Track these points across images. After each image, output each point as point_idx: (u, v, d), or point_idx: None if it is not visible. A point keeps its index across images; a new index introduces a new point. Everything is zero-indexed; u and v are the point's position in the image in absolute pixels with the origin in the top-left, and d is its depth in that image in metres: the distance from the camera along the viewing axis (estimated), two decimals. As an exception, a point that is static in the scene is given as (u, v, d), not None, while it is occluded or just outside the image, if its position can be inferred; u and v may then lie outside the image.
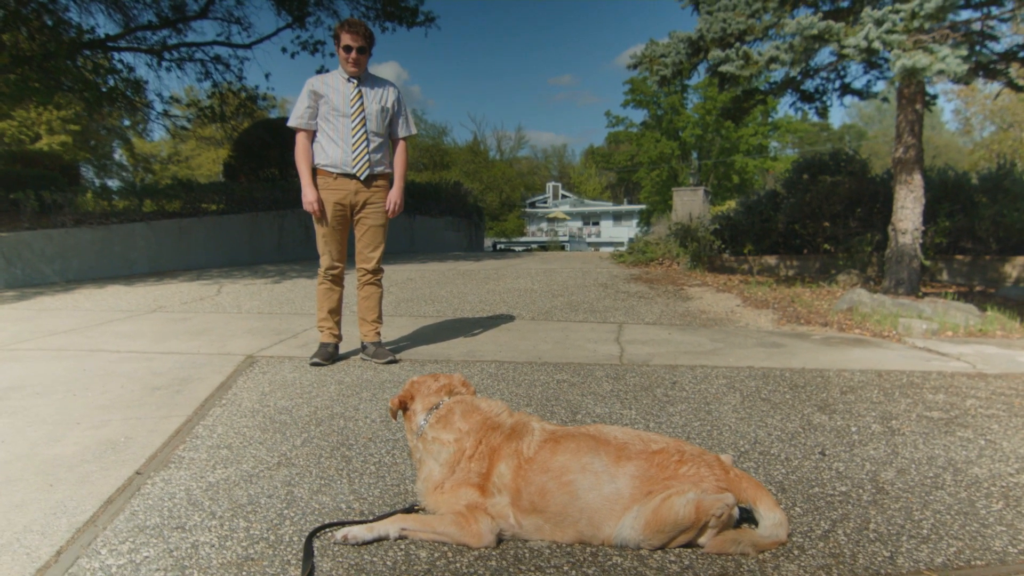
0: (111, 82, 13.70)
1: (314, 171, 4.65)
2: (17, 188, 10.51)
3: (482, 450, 2.21)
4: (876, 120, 63.67)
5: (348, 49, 4.51)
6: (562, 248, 52.39)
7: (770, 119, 50.69)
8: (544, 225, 66.21)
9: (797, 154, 57.13)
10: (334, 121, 4.59)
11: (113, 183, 39.89)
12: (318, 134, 4.63)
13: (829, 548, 2.12)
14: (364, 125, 4.60)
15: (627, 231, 60.29)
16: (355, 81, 4.62)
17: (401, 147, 4.88)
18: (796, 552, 2.08)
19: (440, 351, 5.13)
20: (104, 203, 11.12)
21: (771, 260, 10.74)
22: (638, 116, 53.69)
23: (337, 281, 4.80)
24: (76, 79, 12.12)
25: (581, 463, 2.09)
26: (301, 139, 4.64)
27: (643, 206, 55.12)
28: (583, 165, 76.54)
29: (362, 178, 4.61)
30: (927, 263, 8.62)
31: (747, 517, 2.17)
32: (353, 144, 4.58)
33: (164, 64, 14.24)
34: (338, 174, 4.59)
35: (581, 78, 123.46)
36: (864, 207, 10.12)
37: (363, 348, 4.85)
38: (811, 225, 10.34)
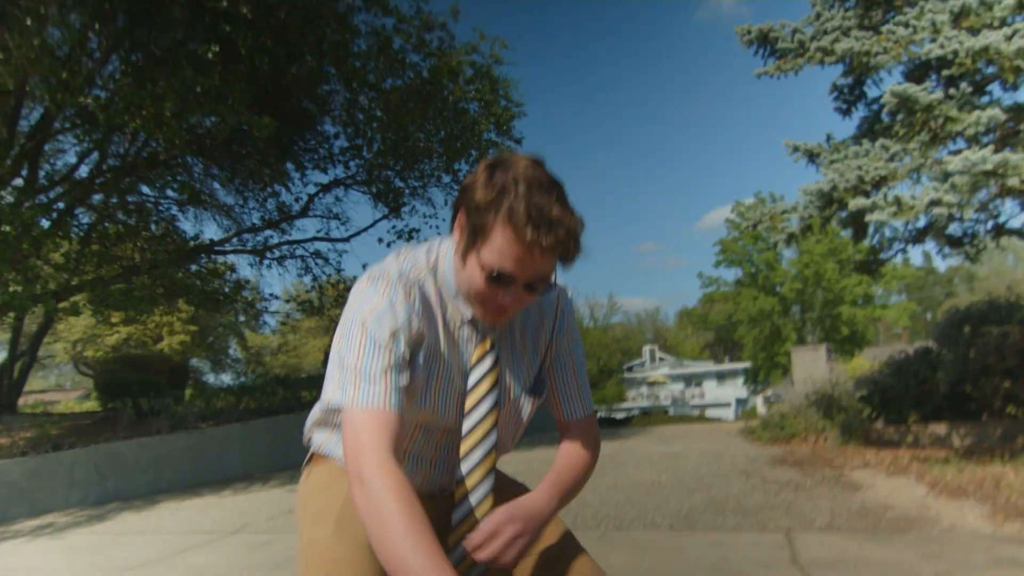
0: (215, 284, 14.17)
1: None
2: (120, 395, 10.46)
3: None
4: (982, 259, 60.15)
5: (505, 280, 1.42)
6: (665, 412, 49.96)
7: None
8: (644, 389, 64.01)
9: (906, 300, 54.13)
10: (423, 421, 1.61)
11: (228, 377, 41.66)
12: None
13: None
14: (486, 439, 1.59)
15: (732, 391, 57.51)
16: (489, 338, 1.60)
17: (576, 450, 1.73)
18: None
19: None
20: (200, 403, 10.91)
21: (939, 429, 9.09)
22: (730, 275, 52.99)
23: None
24: (179, 286, 12.53)
25: None
26: (383, 451, 1.33)
27: (747, 364, 52.85)
28: (678, 327, 75.18)
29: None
30: None
31: None
32: (462, 476, 1.60)
33: (265, 262, 14.74)
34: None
35: (664, 244, 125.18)
36: (1045, 359, 8.52)
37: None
38: (986, 384, 8.75)
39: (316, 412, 1.71)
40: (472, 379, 1.60)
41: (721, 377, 62.10)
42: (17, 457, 8.22)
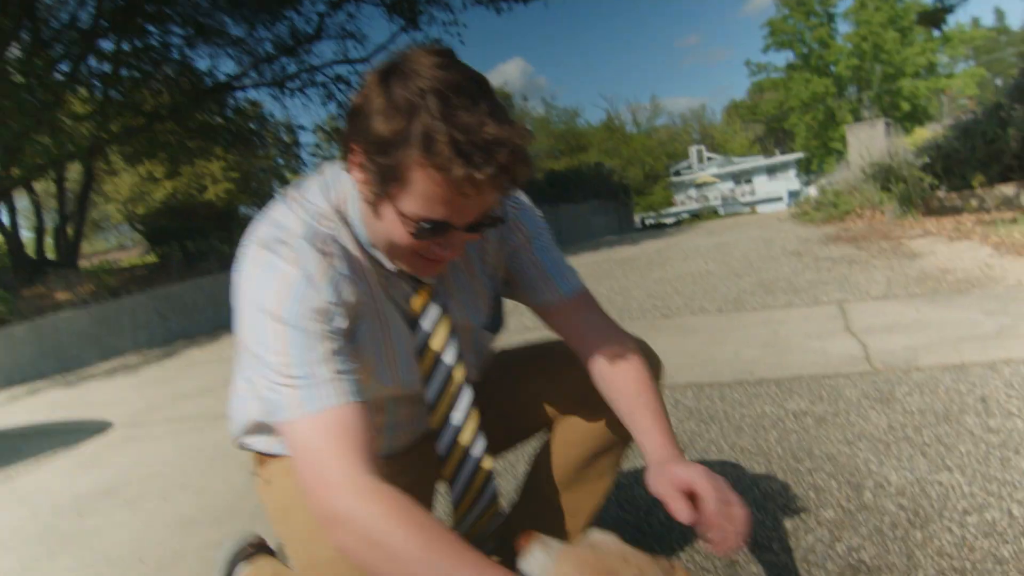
0: (244, 124, 13.96)
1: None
2: (167, 242, 10.70)
3: None
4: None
5: (438, 230, 1.05)
6: (715, 213, 49.37)
7: (936, 33, 44.47)
8: (692, 192, 62.94)
9: (974, 66, 49.94)
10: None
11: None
12: None
13: None
14: (460, 396, 1.32)
15: (784, 184, 56.08)
16: (426, 289, 1.26)
17: (619, 359, 1.31)
18: None
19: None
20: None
21: (1007, 189, 8.52)
22: (781, 60, 49.81)
23: None
24: (206, 128, 12.35)
25: None
26: (354, 470, 0.96)
27: (799, 154, 50.97)
28: (725, 123, 72.20)
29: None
30: None
31: None
32: (450, 444, 1.38)
33: (287, 92, 14.27)
34: None
35: (708, 35, 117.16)
36: None
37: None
38: (1063, 137, 8.06)
39: (244, 419, 1.36)
40: (421, 336, 1.25)
41: (772, 171, 60.27)
42: (81, 307, 8.59)
